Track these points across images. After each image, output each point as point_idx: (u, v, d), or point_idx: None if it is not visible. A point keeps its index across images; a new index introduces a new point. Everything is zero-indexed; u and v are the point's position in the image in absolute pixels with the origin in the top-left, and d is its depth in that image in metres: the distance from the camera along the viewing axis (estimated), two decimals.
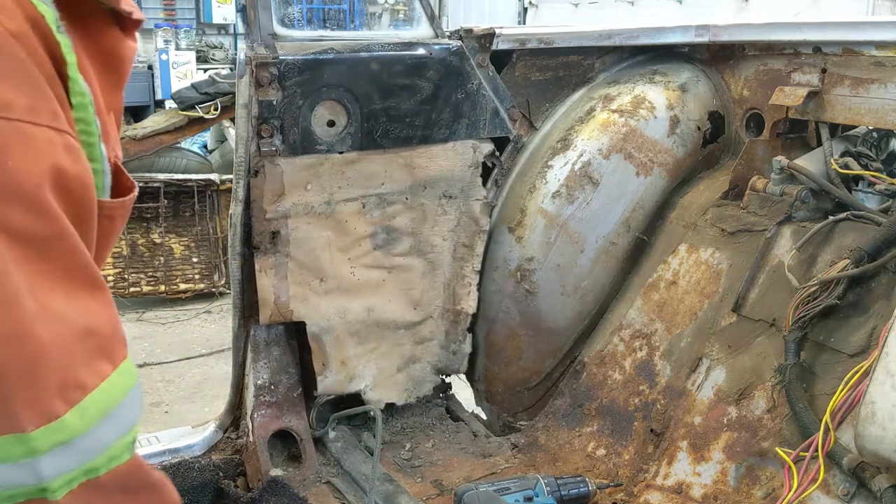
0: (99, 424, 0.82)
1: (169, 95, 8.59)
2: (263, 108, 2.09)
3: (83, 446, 0.81)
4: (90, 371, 0.82)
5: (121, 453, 0.85)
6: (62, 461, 0.80)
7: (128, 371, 0.86)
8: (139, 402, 0.88)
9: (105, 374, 0.83)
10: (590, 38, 2.58)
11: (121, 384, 0.85)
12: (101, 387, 0.82)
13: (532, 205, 2.45)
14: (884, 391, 1.51)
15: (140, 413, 0.88)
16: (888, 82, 2.12)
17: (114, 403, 0.84)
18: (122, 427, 0.85)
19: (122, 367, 0.86)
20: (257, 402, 2.37)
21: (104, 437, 0.83)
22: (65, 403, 0.79)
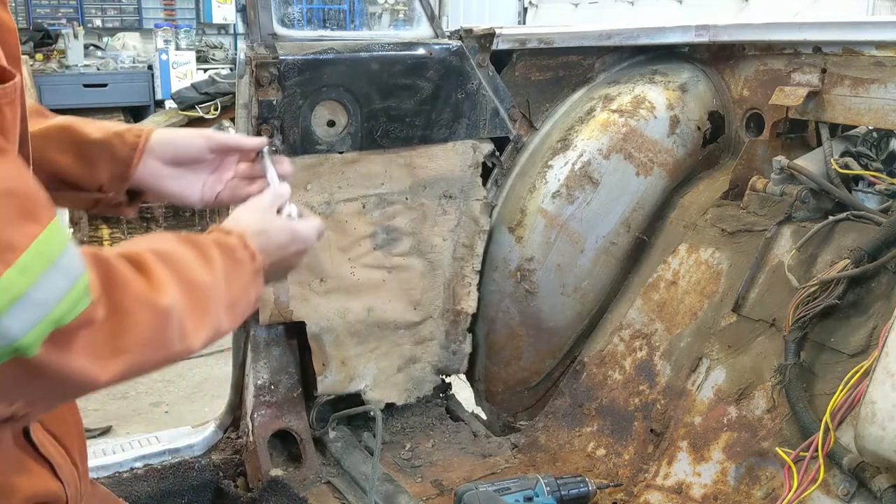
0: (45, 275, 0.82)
1: (169, 95, 8.59)
2: (263, 108, 2.09)
3: (37, 298, 0.81)
4: (18, 232, 0.82)
5: (80, 298, 0.85)
6: (23, 317, 0.80)
7: (57, 229, 0.86)
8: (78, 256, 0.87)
9: (34, 233, 0.83)
10: (590, 38, 2.58)
11: (55, 240, 0.85)
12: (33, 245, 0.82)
13: (532, 205, 2.45)
14: (884, 391, 1.51)
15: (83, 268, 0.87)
16: (888, 82, 2.12)
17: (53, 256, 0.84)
18: (70, 274, 0.85)
19: (52, 226, 0.85)
20: (257, 402, 2.37)
21: (56, 286, 0.83)
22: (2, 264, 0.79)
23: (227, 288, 1.09)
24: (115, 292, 0.91)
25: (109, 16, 11.21)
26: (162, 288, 0.96)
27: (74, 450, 1.17)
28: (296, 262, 1.34)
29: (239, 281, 1.13)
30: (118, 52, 10.28)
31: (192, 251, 1.06)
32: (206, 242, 1.12)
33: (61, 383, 0.88)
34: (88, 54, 10.00)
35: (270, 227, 1.26)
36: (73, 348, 0.86)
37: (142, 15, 11.28)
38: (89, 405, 4.25)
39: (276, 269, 1.26)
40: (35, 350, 0.81)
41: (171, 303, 0.96)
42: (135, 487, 2.27)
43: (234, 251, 1.14)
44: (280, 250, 1.25)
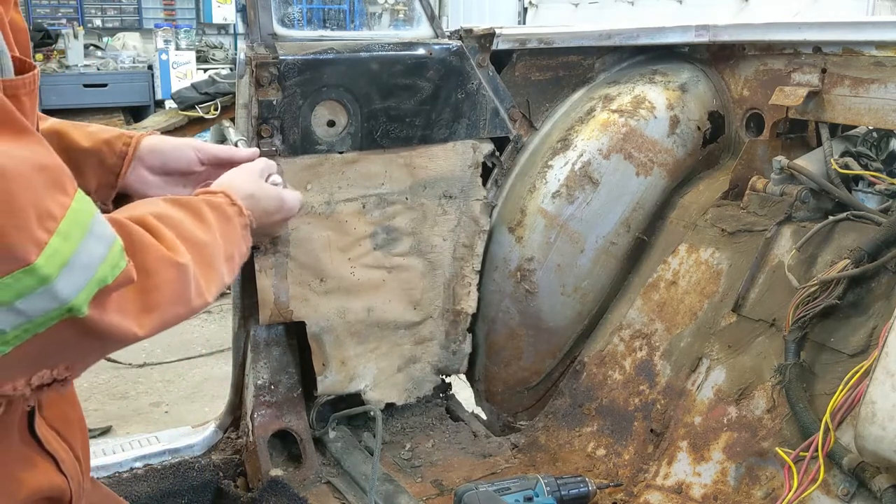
0: (85, 241, 0.87)
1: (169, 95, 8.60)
2: (263, 108, 2.09)
3: (82, 262, 0.86)
4: (55, 202, 0.86)
5: (118, 260, 0.92)
6: (73, 279, 0.85)
7: (84, 199, 0.91)
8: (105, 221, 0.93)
9: (66, 204, 0.87)
10: (590, 38, 2.58)
11: (84, 209, 0.90)
12: (68, 214, 0.86)
13: (532, 205, 2.45)
14: (884, 391, 1.51)
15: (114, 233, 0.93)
16: (888, 82, 2.12)
17: (87, 223, 0.89)
18: (105, 239, 0.91)
19: (79, 196, 0.90)
20: (257, 402, 2.37)
21: (96, 251, 0.89)
22: (46, 232, 0.83)
23: (224, 243, 1.15)
24: (139, 254, 0.97)
25: (109, 16, 11.22)
26: (175, 248, 1.02)
27: (77, 445, 1.19)
28: (278, 230, 1.41)
29: (232, 235, 1.19)
30: (118, 52, 10.29)
31: (185, 212, 1.12)
32: (196, 203, 1.17)
33: (105, 340, 0.93)
34: (88, 54, 10.02)
35: (259, 192, 1.32)
36: (115, 307, 0.91)
37: (142, 15, 11.29)
38: (89, 405, 4.26)
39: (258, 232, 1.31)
40: (85, 310, 0.86)
41: (186, 261, 1.02)
42: (135, 487, 2.27)
43: (222, 207, 1.20)
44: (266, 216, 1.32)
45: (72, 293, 0.85)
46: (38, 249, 0.82)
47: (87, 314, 0.87)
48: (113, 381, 4.49)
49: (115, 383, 4.46)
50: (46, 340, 0.86)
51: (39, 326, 0.85)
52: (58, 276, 0.83)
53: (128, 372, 4.65)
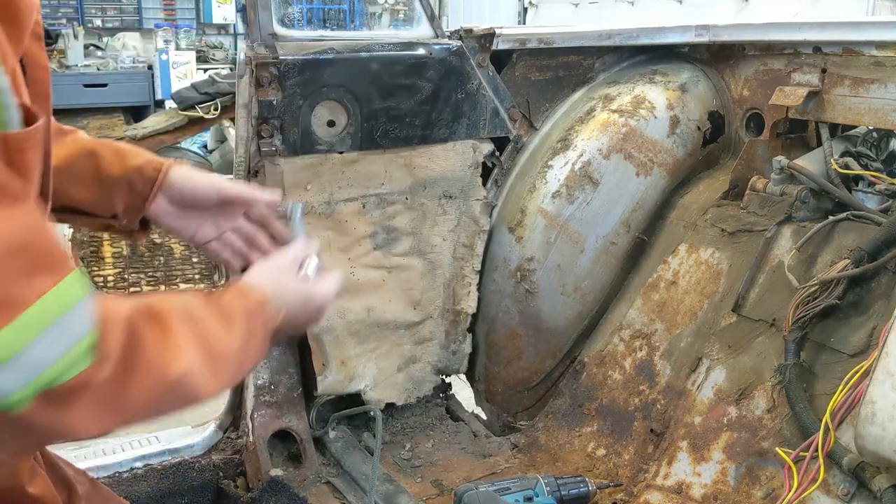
0: (44, 335, 0.81)
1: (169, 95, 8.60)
2: (263, 108, 2.09)
3: (31, 359, 0.81)
4: (27, 288, 0.81)
5: (79, 360, 0.84)
6: (13, 376, 0.80)
7: (73, 283, 0.85)
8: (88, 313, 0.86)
9: (44, 288, 0.82)
10: (590, 38, 2.58)
11: (64, 297, 0.84)
12: (39, 303, 0.81)
13: (532, 205, 2.45)
14: (884, 391, 1.51)
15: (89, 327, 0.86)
16: (888, 82, 2.12)
17: (58, 315, 0.83)
18: (72, 335, 0.84)
19: (65, 282, 0.84)
20: (257, 402, 2.37)
21: (53, 347, 0.82)
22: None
23: (243, 351, 1.10)
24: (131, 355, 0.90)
25: (109, 16, 11.22)
26: (178, 353, 0.96)
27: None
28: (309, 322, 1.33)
29: (253, 345, 1.14)
30: (118, 52, 10.28)
31: (215, 316, 1.06)
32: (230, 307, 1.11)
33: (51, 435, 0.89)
34: (88, 54, 10.01)
35: (285, 291, 1.24)
36: (67, 405, 0.85)
37: (142, 15, 11.29)
38: None
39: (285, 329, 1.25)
40: (22, 407, 0.81)
41: (183, 368, 0.96)
42: (135, 487, 2.27)
43: (253, 316, 1.14)
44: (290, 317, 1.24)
45: (9, 390, 0.80)
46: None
47: (26, 411, 0.82)
48: None
49: None
50: None
51: None
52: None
53: None
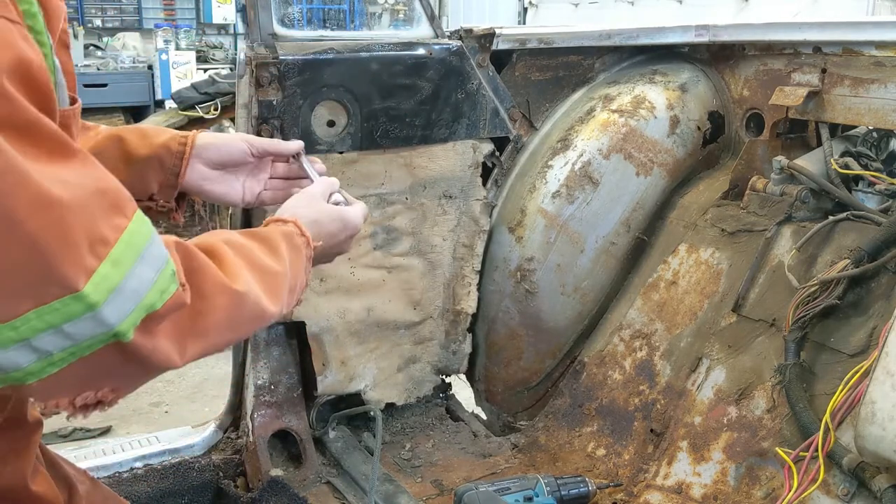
0: (135, 267, 0.89)
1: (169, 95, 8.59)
2: (263, 108, 2.09)
3: (131, 288, 0.88)
4: (110, 226, 0.88)
5: (168, 285, 0.92)
6: (120, 306, 0.87)
7: (142, 220, 0.93)
8: (161, 243, 0.95)
9: (122, 226, 0.89)
10: (590, 38, 2.58)
11: (140, 231, 0.91)
12: (122, 238, 0.88)
13: (532, 205, 2.45)
14: (884, 391, 1.51)
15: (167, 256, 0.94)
16: (888, 82, 2.12)
17: (141, 247, 0.90)
18: (156, 263, 0.92)
19: (137, 218, 0.92)
20: (257, 402, 2.37)
21: (145, 276, 0.90)
22: (96, 259, 0.85)
23: (291, 274, 1.17)
24: (195, 277, 0.98)
25: (109, 16, 11.21)
26: (236, 274, 1.03)
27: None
28: (346, 247, 1.44)
29: (298, 266, 1.21)
30: (118, 52, 10.28)
31: (257, 242, 1.14)
32: (269, 233, 1.20)
33: (146, 366, 0.94)
34: (88, 54, 10.01)
35: (322, 216, 1.35)
36: (160, 332, 0.93)
37: (142, 15, 11.28)
38: None
39: (326, 254, 1.36)
40: (130, 336, 0.88)
41: (245, 289, 1.03)
42: (135, 487, 2.27)
43: (292, 238, 1.22)
44: (331, 237, 1.35)
45: (118, 319, 0.87)
46: (87, 277, 0.84)
47: (132, 340, 0.89)
48: None
49: None
50: (91, 363, 0.89)
51: (85, 350, 0.87)
52: (104, 302, 0.85)
53: None
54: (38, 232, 0.81)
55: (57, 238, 0.82)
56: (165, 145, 1.40)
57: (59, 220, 0.83)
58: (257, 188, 1.52)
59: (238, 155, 1.48)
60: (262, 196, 1.53)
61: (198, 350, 0.99)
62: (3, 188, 0.80)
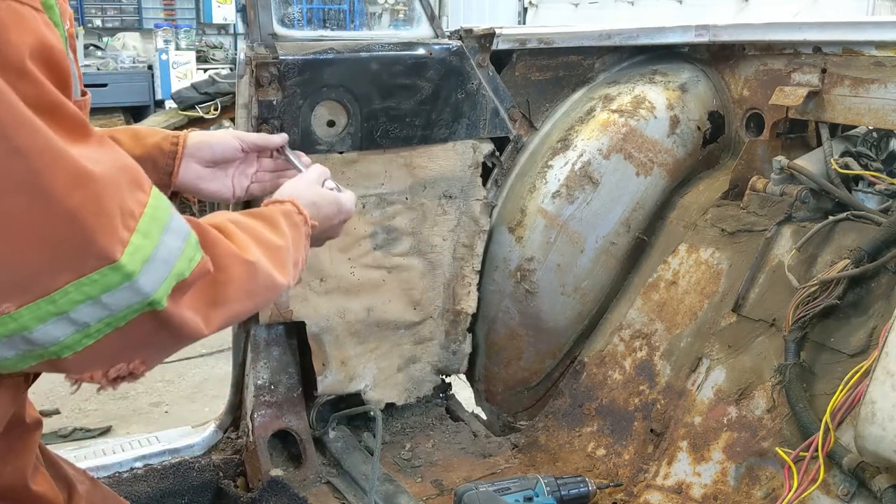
0: (163, 237, 0.93)
1: (169, 95, 8.60)
2: (263, 108, 2.09)
3: (162, 257, 0.92)
4: (134, 201, 0.91)
5: (194, 254, 0.97)
6: (154, 275, 0.91)
7: (160, 196, 0.96)
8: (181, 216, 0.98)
9: (144, 201, 0.93)
10: (590, 38, 2.58)
11: (161, 206, 0.95)
12: (146, 211, 0.92)
13: (532, 205, 2.45)
14: (884, 391, 1.51)
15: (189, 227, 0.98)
16: (888, 82, 2.12)
17: (165, 219, 0.94)
18: (181, 234, 0.96)
19: (155, 193, 0.95)
20: (257, 402, 2.37)
21: (173, 245, 0.94)
22: (128, 231, 0.89)
23: (294, 248, 1.21)
24: (212, 250, 1.01)
25: (109, 16, 11.21)
26: (246, 247, 1.07)
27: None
28: (338, 231, 1.47)
29: (298, 242, 1.24)
30: (118, 52, 10.28)
31: (259, 220, 1.18)
32: (269, 212, 1.24)
33: (178, 334, 0.97)
34: (88, 54, 10.01)
35: (319, 199, 1.39)
36: (188, 302, 0.96)
37: (142, 15, 11.28)
38: (89, 405, 4.26)
39: (319, 237, 1.39)
40: (164, 303, 0.92)
41: (256, 259, 1.07)
42: (135, 487, 2.27)
43: (291, 216, 1.26)
44: (326, 220, 1.39)
45: (153, 288, 0.90)
46: (122, 247, 0.87)
47: (166, 308, 0.92)
48: None
49: None
50: (126, 334, 0.92)
51: (121, 320, 0.90)
52: (140, 271, 0.89)
53: None
54: (76, 207, 0.84)
55: (94, 212, 0.86)
56: (158, 146, 1.42)
57: (94, 195, 0.86)
58: (245, 183, 1.56)
59: (230, 152, 1.51)
60: (251, 189, 1.57)
61: (221, 319, 1.02)
62: (42, 166, 0.82)
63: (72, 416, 4.15)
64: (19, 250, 0.84)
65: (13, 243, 0.83)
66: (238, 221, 1.13)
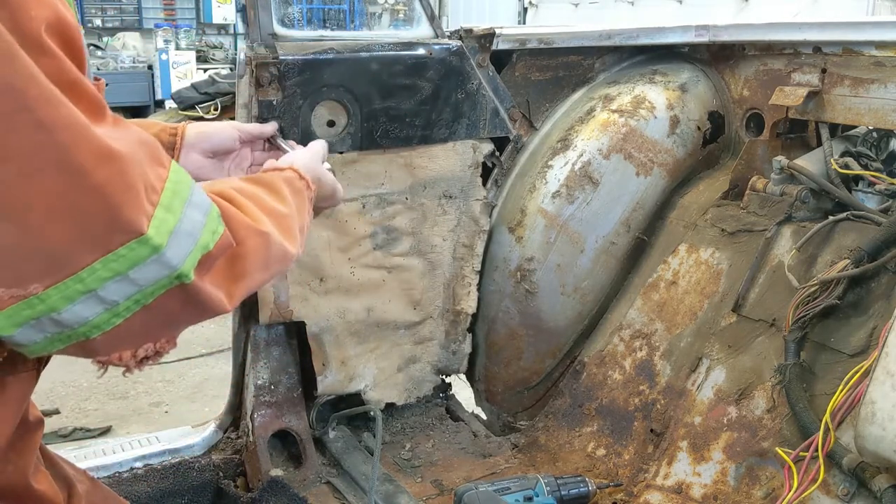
0: (186, 210, 0.92)
1: (169, 95, 8.62)
2: (263, 108, 2.09)
3: (186, 230, 0.91)
4: (155, 175, 0.91)
5: (216, 226, 0.96)
6: (180, 248, 0.90)
7: (180, 170, 0.96)
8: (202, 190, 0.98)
9: (164, 175, 0.92)
10: (590, 38, 2.58)
11: (182, 179, 0.95)
12: (167, 186, 0.92)
13: (532, 205, 2.45)
14: (884, 391, 1.51)
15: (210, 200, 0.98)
16: (888, 82, 2.12)
17: (186, 193, 0.94)
18: (203, 207, 0.96)
19: (175, 168, 0.95)
20: (257, 402, 2.37)
21: (196, 218, 0.93)
22: (151, 205, 0.89)
23: (297, 215, 1.21)
24: (228, 223, 1.00)
25: (109, 16, 11.22)
26: (258, 218, 1.07)
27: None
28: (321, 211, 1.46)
29: (302, 208, 1.24)
30: (118, 52, 10.29)
31: (261, 187, 1.17)
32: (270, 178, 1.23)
33: (203, 309, 0.97)
34: (89, 54, 10.00)
35: (322, 176, 1.39)
36: (211, 273, 0.96)
37: (142, 15, 11.29)
38: (89, 405, 4.26)
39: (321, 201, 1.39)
40: (192, 276, 0.91)
41: (269, 230, 1.07)
42: (135, 487, 2.27)
43: (293, 182, 1.26)
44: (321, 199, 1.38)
45: (180, 261, 0.90)
46: (148, 221, 0.87)
47: (193, 282, 0.92)
48: (113, 381, 4.48)
49: (115, 383, 4.46)
50: (153, 312, 0.91)
51: (149, 296, 0.90)
52: (167, 244, 0.88)
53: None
54: (103, 182, 0.84)
55: (121, 187, 0.85)
56: (156, 137, 1.42)
57: (119, 170, 0.85)
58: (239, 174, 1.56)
59: (229, 142, 1.51)
60: None
61: (242, 292, 1.02)
62: (68, 140, 0.82)
63: (72, 416, 4.15)
64: (46, 229, 0.83)
65: (40, 221, 0.82)
66: (242, 189, 1.12)
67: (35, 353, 0.91)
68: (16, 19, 0.81)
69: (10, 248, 0.83)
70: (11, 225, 0.82)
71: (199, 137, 1.46)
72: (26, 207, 0.82)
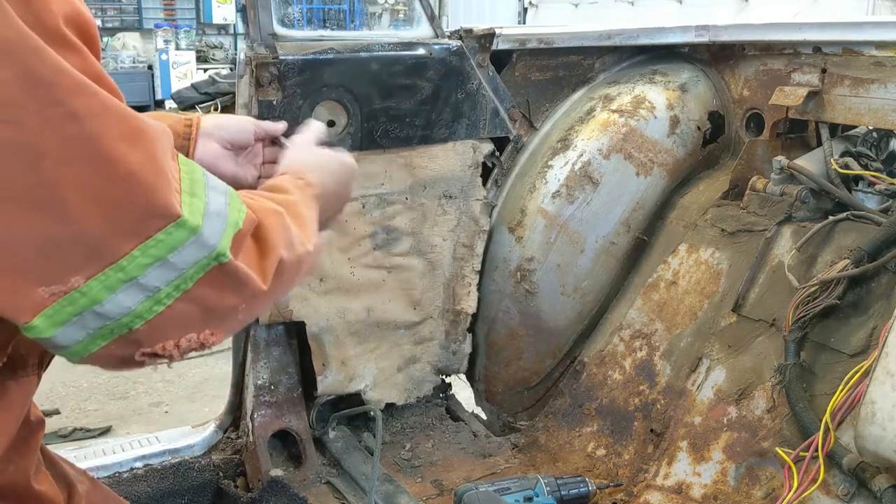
0: (208, 192, 0.93)
1: (169, 95, 8.62)
2: (263, 108, 2.09)
3: (215, 210, 0.92)
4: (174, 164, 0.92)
5: (240, 205, 0.97)
6: (214, 226, 0.91)
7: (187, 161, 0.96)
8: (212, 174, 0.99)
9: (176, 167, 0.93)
10: (590, 38, 2.58)
11: (193, 168, 0.95)
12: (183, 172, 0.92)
13: (532, 205, 2.45)
14: (884, 391, 1.51)
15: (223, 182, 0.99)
16: (888, 82, 2.12)
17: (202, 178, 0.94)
18: (221, 188, 0.97)
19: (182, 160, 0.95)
20: (257, 402, 2.37)
21: (220, 200, 0.94)
22: (178, 190, 0.89)
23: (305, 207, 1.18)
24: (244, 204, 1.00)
25: (109, 16, 11.23)
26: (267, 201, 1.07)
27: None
28: (349, 191, 1.44)
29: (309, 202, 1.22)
30: (118, 52, 10.30)
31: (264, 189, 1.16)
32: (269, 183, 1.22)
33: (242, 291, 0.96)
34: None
35: (322, 160, 1.37)
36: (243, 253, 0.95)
37: (142, 15, 11.30)
38: (89, 405, 4.26)
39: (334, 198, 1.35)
40: (229, 254, 0.92)
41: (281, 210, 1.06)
42: (135, 487, 2.27)
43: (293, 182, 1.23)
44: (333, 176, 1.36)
45: (216, 239, 0.90)
46: (180, 205, 0.88)
47: (230, 260, 0.92)
48: (113, 381, 4.48)
49: (115, 383, 4.46)
50: (194, 297, 0.91)
51: (189, 280, 0.90)
52: (202, 225, 0.89)
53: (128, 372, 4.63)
54: (136, 167, 0.84)
55: (153, 171, 0.86)
56: (171, 128, 1.41)
57: (150, 154, 0.86)
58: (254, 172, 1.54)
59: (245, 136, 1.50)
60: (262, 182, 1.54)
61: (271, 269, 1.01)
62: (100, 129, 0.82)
63: (72, 416, 4.15)
64: (84, 219, 0.83)
65: (77, 212, 0.82)
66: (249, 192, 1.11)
67: (76, 355, 0.90)
68: (37, 15, 0.81)
69: (50, 241, 0.83)
70: (49, 217, 0.82)
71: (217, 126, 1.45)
72: (63, 198, 0.82)
